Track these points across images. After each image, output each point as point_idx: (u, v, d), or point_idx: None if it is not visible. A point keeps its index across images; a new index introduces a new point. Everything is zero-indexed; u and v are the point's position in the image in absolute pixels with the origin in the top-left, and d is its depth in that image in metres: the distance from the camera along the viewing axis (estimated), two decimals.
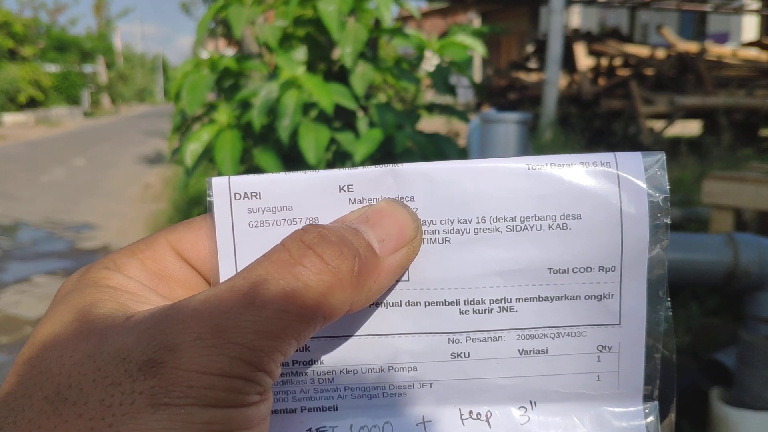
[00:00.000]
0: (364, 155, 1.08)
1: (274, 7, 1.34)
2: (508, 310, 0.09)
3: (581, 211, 0.09)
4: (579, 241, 0.09)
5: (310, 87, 1.08)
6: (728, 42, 4.81)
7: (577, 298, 0.09)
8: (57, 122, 7.16)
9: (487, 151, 0.49)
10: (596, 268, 0.09)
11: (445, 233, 0.09)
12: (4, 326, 1.25)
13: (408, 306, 0.09)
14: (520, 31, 5.48)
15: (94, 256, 1.76)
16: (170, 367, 0.07)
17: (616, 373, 0.10)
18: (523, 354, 0.09)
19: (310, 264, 0.08)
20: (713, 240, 0.56)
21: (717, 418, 0.60)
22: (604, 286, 0.09)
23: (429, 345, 0.09)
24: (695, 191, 1.48)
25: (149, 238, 0.10)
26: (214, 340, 0.07)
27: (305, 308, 0.08)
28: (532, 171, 0.09)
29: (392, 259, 0.09)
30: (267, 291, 0.08)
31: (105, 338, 0.08)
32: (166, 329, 0.08)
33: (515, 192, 0.09)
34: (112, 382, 0.07)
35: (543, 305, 0.09)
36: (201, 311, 0.08)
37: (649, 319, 0.09)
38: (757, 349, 0.56)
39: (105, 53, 11.45)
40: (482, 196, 0.09)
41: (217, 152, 1.12)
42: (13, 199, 2.60)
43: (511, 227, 0.09)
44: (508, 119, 0.50)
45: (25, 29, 8.28)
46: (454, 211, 0.09)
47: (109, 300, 0.08)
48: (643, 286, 0.09)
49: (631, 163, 0.09)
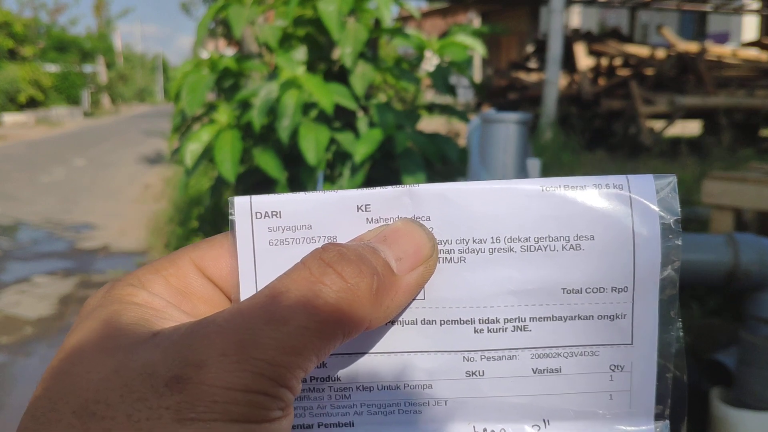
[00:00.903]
0: (364, 155, 1.08)
1: (274, 7, 1.33)
2: (522, 329, 0.10)
3: (594, 232, 0.09)
4: (592, 262, 0.09)
5: (310, 87, 1.08)
6: (728, 42, 4.80)
7: (590, 318, 0.10)
8: (57, 122, 7.15)
9: (487, 151, 0.49)
10: (609, 289, 0.10)
11: (460, 252, 0.09)
12: (4, 326, 1.24)
13: (423, 324, 0.09)
14: (520, 31, 5.47)
15: (94, 256, 1.74)
16: (196, 383, 0.08)
17: (628, 392, 0.10)
18: (536, 373, 0.10)
19: (330, 282, 0.08)
20: (714, 240, 0.56)
21: (717, 418, 0.60)
22: (616, 306, 0.10)
23: (444, 363, 0.10)
24: (695, 191, 1.48)
25: (172, 255, 0.10)
26: (238, 356, 0.08)
27: (326, 325, 0.08)
28: (546, 192, 0.10)
29: (409, 277, 0.09)
30: (288, 308, 0.08)
31: (131, 354, 0.08)
32: (192, 345, 0.08)
33: (529, 213, 0.09)
34: (139, 398, 0.08)
35: (556, 325, 0.10)
36: (225, 328, 0.08)
37: (661, 339, 0.10)
38: (758, 349, 0.56)
39: (105, 53, 11.46)
40: (497, 216, 0.09)
41: (217, 152, 1.12)
42: (13, 199, 2.60)
43: (525, 247, 0.09)
44: (508, 119, 0.49)
45: (25, 29, 8.28)
46: (469, 231, 0.09)
47: (134, 316, 0.09)
48: (655, 307, 0.09)
49: (643, 185, 0.10)
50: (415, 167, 1.08)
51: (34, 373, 1.01)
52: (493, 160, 0.50)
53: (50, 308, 1.32)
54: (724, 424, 0.59)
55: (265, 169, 1.16)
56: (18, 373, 1.02)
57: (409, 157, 1.10)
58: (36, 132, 5.96)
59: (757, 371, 0.57)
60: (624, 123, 2.75)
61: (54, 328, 1.21)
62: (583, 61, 3.14)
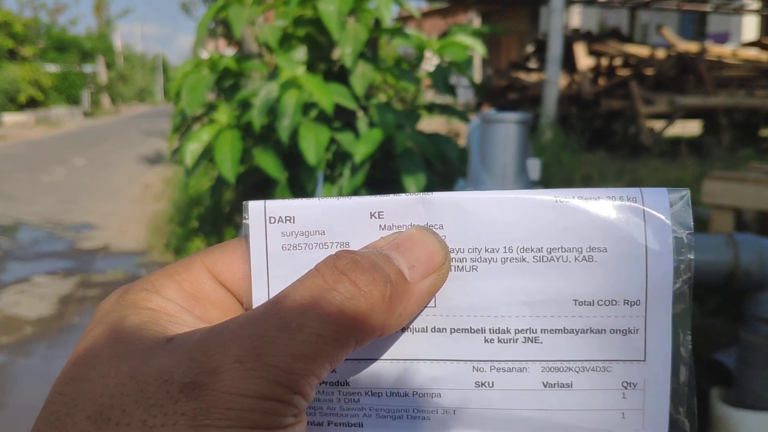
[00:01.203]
0: (364, 155, 1.08)
1: (274, 7, 1.33)
2: (534, 340, 0.09)
3: (607, 245, 0.09)
4: (604, 274, 0.09)
5: (310, 87, 1.07)
6: (728, 42, 4.80)
7: (603, 332, 0.09)
8: (57, 122, 7.15)
9: (487, 151, 0.49)
10: (621, 302, 0.09)
11: (472, 261, 0.09)
12: (4, 326, 1.24)
13: (434, 332, 0.09)
14: (520, 31, 5.47)
15: (94, 256, 1.74)
16: (211, 390, 0.08)
17: (641, 411, 0.09)
18: (547, 387, 0.09)
19: (344, 289, 0.09)
20: (714, 240, 0.56)
21: (717, 418, 0.60)
22: (629, 320, 0.09)
23: (453, 372, 0.10)
24: (695, 191, 1.48)
25: (185, 260, 0.10)
26: (253, 363, 0.08)
27: (339, 332, 0.08)
28: (559, 203, 0.10)
29: (422, 285, 0.09)
30: (302, 315, 0.08)
31: (146, 360, 0.08)
32: (207, 352, 0.08)
33: (542, 223, 0.09)
34: (155, 404, 0.08)
35: (568, 337, 0.09)
36: (240, 335, 0.08)
37: (674, 354, 0.09)
38: (758, 349, 0.56)
39: (105, 53, 11.45)
40: (509, 226, 0.09)
41: (217, 152, 1.12)
42: (13, 199, 2.60)
43: (538, 258, 0.09)
44: (508, 119, 0.49)
45: (25, 29, 8.27)
46: (482, 240, 0.09)
47: (149, 321, 0.09)
48: (668, 322, 0.09)
49: (656, 198, 0.10)
50: (415, 167, 1.09)
51: (34, 373, 1.01)
52: (493, 160, 0.49)
53: (50, 308, 1.32)
54: (724, 424, 0.58)
55: (265, 169, 1.15)
56: (18, 373, 1.02)
57: (409, 157, 1.10)
58: (36, 132, 5.96)
59: (757, 371, 0.57)
60: (624, 123, 2.75)
61: (54, 328, 1.21)
62: (583, 61, 3.14)
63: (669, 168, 1.86)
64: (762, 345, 0.55)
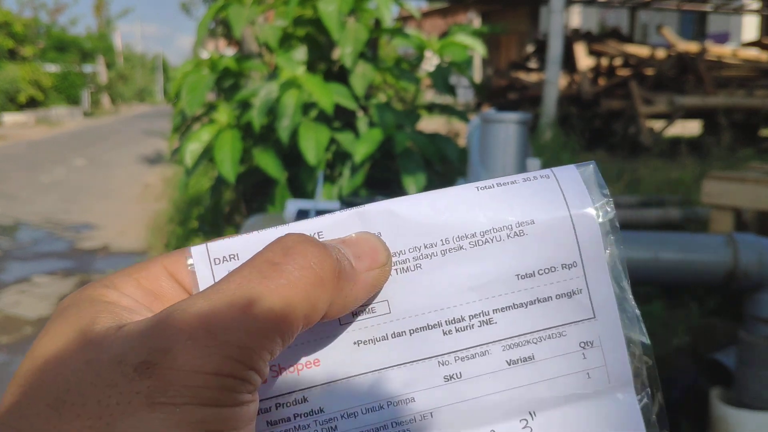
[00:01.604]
0: (364, 155, 1.08)
1: (274, 7, 1.33)
2: (488, 322, 0.10)
3: (533, 216, 0.10)
4: (537, 244, 0.10)
5: (310, 87, 1.07)
6: (728, 42, 4.81)
7: (550, 299, 0.10)
8: (57, 122, 7.16)
9: (487, 151, 0.49)
10: (559, 267, 0.10)
11: (415, 260, 0.10)
12: (4, 326, 1.25)
13: (394, 337, 0.10)
14: (520, 31, 5.47)
15: (94, 256, 1.74)
16: (165, 368, 0.08)
17: (603, 367, 0.10)
18: (511, 364, 0.10)
19: (293, 262, 0.09)
20: (713, 240, 0.56)
21: (717, 418, 0.60)
22: (570, 282, 0.10)
23: (421, 371, 0.10)
24: (695, 191, 1.48)
25: (146, 261, 0.10)
26: (206, 340, 0.08)
27: (289, 306, 0.08)
28: (482, 191, 0.10)
29: (367, 275, 0.09)
30: (252, 290, 0.08)
31: (101, 346, 0.08)
32: (159, 333, 0.08)
33: (470, 210, 0.10)
34: (110, 384, 0.08)
35: (519, 312, 0.10)
36: (191, 313, 0.08)
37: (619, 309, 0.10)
38: (757, 349, 0.56)
39: (105, 53, 11.42)
40: (442, 221, 0.10)
41: (217, 152, 1.12)
42: (13, 198, 2.60)
43: (473, 242, 0.10)
44: (508, 119, 0.49)
45: (25, 29, 8.25)
46: (420, 238, 0.10)
47: (105, 313, 0.09)
48: (607, 277, 0.10)
49: (567, 173, 0.10)
50: (415, 167, 1.09)
51: None
52: (493, 160, 0.50)
53: (50, 308, 1.33)
54: (724, 424, 0.59)
55: (265, 168, 1.15)
56: None
57: (408, 157, 1.10)
58: (36, 132, 5.96)
59: (757, 371, 0.57)
60: (624, 123, 2.75)
61: None
62: (583, 61, 3.14)
63: (669, 168, 1.86)
64: (761, 345, 0.56)
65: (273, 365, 0.09)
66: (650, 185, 1.68)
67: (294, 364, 0.09)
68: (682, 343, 0.89)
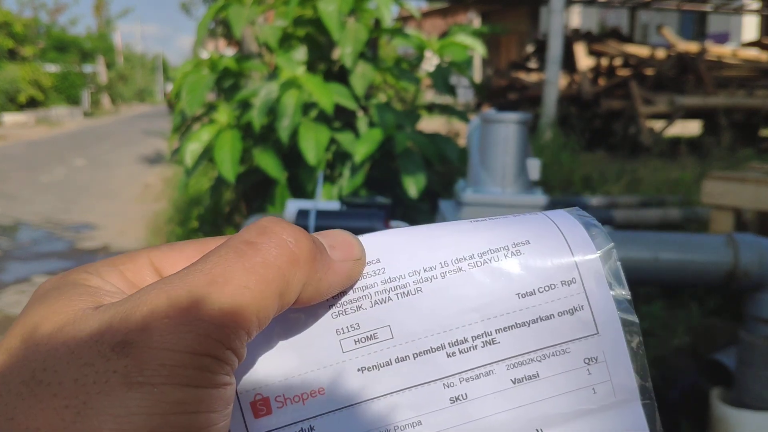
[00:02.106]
0: (364, 155, 1.08)
1: (274, 7, 1.33)
2: (492, 342, 0.10)
3: (528, 237, 0.10)
4: (534, 263, 0.10)
5: (310, 87, 1.06)
6: (728, 42, 4.81)
7: (552, 317, 0.10)
8: (57, 122, 7.15)
9: (487, 151, 0.49)
10: (558, 284, 0.10)
11: (415, 284, 0.10)
12: (4, 326, 1.25)
13: (398, 362, 0.10)
14: (520, 31, 5.47)
15: (94, 255, 1.74)
16: (142, 347, 0.07)
17: (608, 382, 0.10)
18: (516, 383, 0.10)
19: (269, 240, 0.08)
20: (713, 240, 0.56)
21: (717, 418, 0.60)
22: (571, 299, 0.10)
23: (426, 395, 0.10)
24: (695, 192, 1.48)
25: (131, 253, 0.10)
26: (182, 318, 0.08)
27: (264, 283, 0.08)
28: (474, 222, 0.11)
29: (341, 264, 0.09)
30: (228, 268, 0.08)
31: (78, 325, 0.08)
32: (135, 311, 0.08)
33: (466, 235, 0.10)
34: (86, 363, 0.08)
35: (522, 331, 0.10)
36: (167, 291, 0.08)
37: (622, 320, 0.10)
38: (757, 349, 0.56)
39: (105, 53, 11.46)
40: (439, 246, 0.10)
41: (217, 152, 1.12)
42: (13, 198, 2.59)
43: (472, 264, 0.10)
44: (508, 119, 0.49)
45: (25, 29, 8.26)
46: (419, 263, 0.10)
47: (86, 296, 0.09)
48: (607, 291, 0.10)
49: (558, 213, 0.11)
50: (415, 167, 1.09)
51: None
52: (493, 161, 0.49)
53: None
54: (724, 424, 0.59)
55: (265, 169, 1.15)
56: None
57: (408, 157, 1.10)
58: (36, 132, 5.95)
59: (757, 371, 0.57)
60: (624, 123, 2.75)
61: None
62: (583, 61, 3.14)
63: (669, 168, 1.85)
64: (761, 345, 0.56)
65: (278, 396, 0.09)
66: (650, 185, 1.68)
67: (299, 394, 0.09)
68: (683, 343, 0.89)
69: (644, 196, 1.50)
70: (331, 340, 0.09)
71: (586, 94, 2.95)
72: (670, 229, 1.26)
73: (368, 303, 0.10)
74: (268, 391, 0.09)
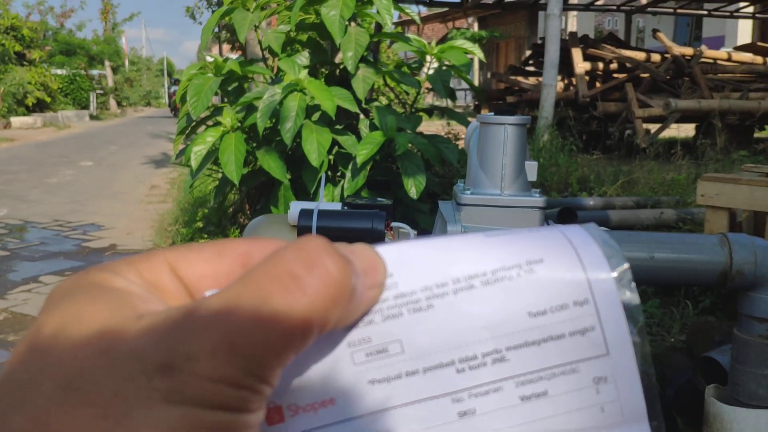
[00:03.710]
0: (366, 157, 1.10)
1: (278, 12, 1.36)
2: (501, 359, 0.10)
3: (542, 256, 0.10)
4: (548, 282, 0.10)
5: (312, 90, 1.07)
6: (723, 46, 4.81)
7: (563, 336, 0.10)
8: (64, 125, 7.19)
9: (485, 153, 0.51)
10: (571, 304, 0.10)
11: (427, 300, 0.10)
12: (12, 324, 1.26)
13: (408, 376, 0.10)
14: (519, 35, 5.49)
15: (102, 255, 1.75)
16: (186, 373, 0.08)
17: (617, 401, 0.10)
18: (524, 400, 0.10)
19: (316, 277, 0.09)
20: (707, 240, 0.55)
21: (711, 415, 0.60)
22: (583, 319, 0.10)
23: (435, 409, 0.10)
24: (690, 193, 1.47)
25: (148, 253, 0.10)
26: (228, 355, 0.08)
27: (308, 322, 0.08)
28: (490, 237, 0.11)
29: (368, 293, 0.10)
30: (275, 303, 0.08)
31: (118, 336, 0.08)
32: (182, 338, 0.08)
33: (479, 251, 0.10)
34: (127, 378, 0.08)
35: (532, 349, 0.10)
36: (215, 324, 0.08)
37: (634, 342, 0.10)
38: (751, 347, 0.56)
39: (111, 57, 11.49)
40: (451, 261, 0.10)
41: (222, 154, 1.14)
42: (22, 199, 2.61)
43: (485, 281, 0.10)
44: (506, 122, 0.50)
45: (32, 33, 8.28)
46: (431, 278, 0.10)
47: (116, 300, 0.09)
48: (620, 313, 0.10)
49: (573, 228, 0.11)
50: (416, 169, 1.10)
51: None
52: (492, 163, 0.50)
53: None
54: (719, 421, 0.59)
55: (269, 170, 1.16)
56: None
57: (409, 159, 1.11)
58: (43, 134, 5.99)
59: (751, 369, 0.57)
60: (620, 125, 2.76)
61: None
62: (580, 65, 3.11)
63: (664, 169, 1.85)
64: (756, 344, 0.56)
65: (290, 405, 0.09)
66: (646, 186, 1.68)
67: (311, 404, 0.09)
68: (678, 341, 0.89)
69: (640, 197, 1.50)
70: (342, 352, 0.10)
71: (583, 97, 2.93)
72: (665, 229, 1.27)
73: (380, 317, 0.10)
74: (281, 400, 0.09)
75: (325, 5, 1.14)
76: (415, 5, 3.87)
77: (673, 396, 0.73)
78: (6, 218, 2.23)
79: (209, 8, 4.87)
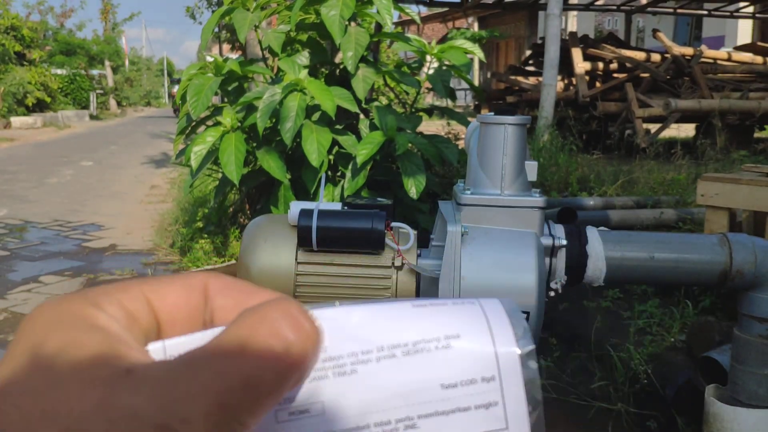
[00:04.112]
0: (366, 157, 1.10)
1: (278, 11, 1.36)
2: (413, 426, 0.11)
3: (459, 332, 0.11)
4: (461, 357, 0.11)
5: (312, 90, 1.07)
6: (723, 46, 4.81)
7: (469, 409, 0.11)
8: (64, 125, 7.19)
9: (485, 153, 0.50)
10: (479, 379, 0.11)
11: (351, 365, 0.11)
12: (12, 325, 1.26)
13: None
14: (519, 35, 5.49)
15: (101, 255, 1.75)
16: None
17: None
18: None
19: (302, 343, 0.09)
20: (707, 240, 0.55)
21: (711, 415, 0.60)
22: (488, 395, 0.11)
23: None
24: (690, 192, 1.47)
25: (125, 282, 0.11)
26: (220, 417, 0.09)
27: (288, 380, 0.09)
28: (416, 307, 0.11)
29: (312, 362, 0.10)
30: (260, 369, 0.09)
31: (111, 390, 0.08)
32: (177, 400, 0.08)
33: (404, 322, 0.11)
34: None
35: (441, 419, 0.11)
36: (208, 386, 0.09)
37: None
38: (751, 347, 0.56)
39: (112, 57, 11.49)
40: (378, 329, 0.11)
41: (222, 154, 1.14)
42: (22, 199, 2.61)
43: (406, 351, 0.11)
44: (506, 122, 0.50)
45: (32, 33, 8.28)
46: (358, 345, 0.11)
47: (103, 344, 0.09)
48: (521, 390, 0.11)
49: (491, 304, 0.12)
50: (416, 169, 1.10)
51: None
52: (492, 163, 0.50)
53: None
54: (719, 421, 0.59)
55: (269, 170, 1.16)
56: None
57: (409, 159, 1.11)
58: (44, 134, 5.99)
59: (751, 369, 0.57)
60: (620, 125, 2.76)
61: None
62: (580, 65, 3.12)
63: (664, 169, 1.85)
64: (756, 343, 0.55)
65: None
66: (646, 186, 1.68)
67: None
68: (678, 341, 0.89)
69: (640, 197, 1.50)
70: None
71: (583, 97, 2.94)
72: (665, 229, 1.27)
73: (306, 378, 0.10)
74: None
75: (325, 5, 1.14)
76: (415, 5, 3.87)
77: (673, 396, 0.73)
78: (6, 218, 2.24)
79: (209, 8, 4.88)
